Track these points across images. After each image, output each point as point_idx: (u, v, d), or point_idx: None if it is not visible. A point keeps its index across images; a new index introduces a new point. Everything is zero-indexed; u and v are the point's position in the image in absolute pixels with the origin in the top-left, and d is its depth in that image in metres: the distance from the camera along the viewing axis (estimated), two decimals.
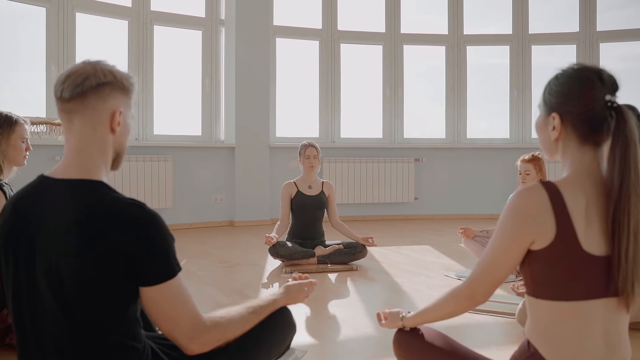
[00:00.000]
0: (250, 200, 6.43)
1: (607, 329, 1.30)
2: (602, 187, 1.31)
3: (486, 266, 1.38)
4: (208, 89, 6.57)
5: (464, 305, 1.46)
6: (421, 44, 7.35)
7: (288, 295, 1.67)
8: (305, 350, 2.30)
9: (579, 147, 1.34)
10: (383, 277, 3.79)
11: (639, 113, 2.59)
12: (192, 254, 4.60)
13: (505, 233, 1.33)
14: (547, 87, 1.40)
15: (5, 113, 2.45)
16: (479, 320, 2.76)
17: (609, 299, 1.29)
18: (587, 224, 1.27)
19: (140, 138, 6.13)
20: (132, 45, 6.09)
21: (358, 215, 6.87)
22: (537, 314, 1.35)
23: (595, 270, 1.28)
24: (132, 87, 1.43)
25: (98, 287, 1.27)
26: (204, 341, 1.38)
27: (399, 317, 1.66)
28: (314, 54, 7.05)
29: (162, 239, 1.31)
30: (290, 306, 1.71)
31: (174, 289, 1.32)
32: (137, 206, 1.31)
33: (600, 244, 1.28)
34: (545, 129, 1.41)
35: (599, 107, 1.30)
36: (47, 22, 5.56)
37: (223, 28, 6.64)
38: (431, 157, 7.12)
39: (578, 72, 1.35)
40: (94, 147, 1.36)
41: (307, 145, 4.29)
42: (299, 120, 7.14)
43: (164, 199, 6.00)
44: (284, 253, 3.99)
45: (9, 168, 2.47)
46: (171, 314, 1.33)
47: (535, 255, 1.30)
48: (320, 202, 4.26)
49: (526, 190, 1.32)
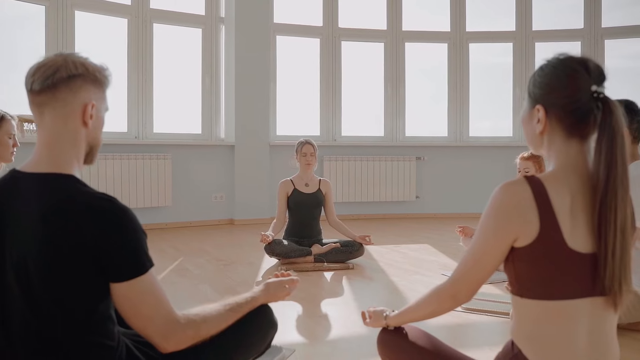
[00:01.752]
0: (250, 199, 6.40)
1: (593, 330, 1.25)
2: (588, 181, 1.26)
3: (469, 264, 1.33)
4: (208, 87, 6.54)
5: (446, 305, 1.41)
6: (423, 42, 7.29)
7: (268, 293, 1.63)
8: (293, 350, 2.27)
9: (564, 141, 1.29)
10: (379, 276, 3.74)
11: (637, 108, 2.55)
12: (189, 252, 4.57)
13: (487, 230, 1.28)
14: (532, 78, 1.35)
15: None
16: (473, 320, 2.72)
17: (595, 298, 1.24)
18: (573, 220, 1.22)
19: (140, 136, 6.10)
20: (131, 43, 6.07)
21: (359, 213, 6.83)
22: (521, 313, 1.30)
23: (581, 268, 1.23)
24: (105, 79, 1.40)
25: (66, 283, 1.24)
26: (178, 339, 1.34)
27: (382, 316, 1.63)
28: (315, 52, 7.01)
29: (132, 234, 1.28)
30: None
31: (145, 286, 1.29)
32: (107, 200, 1.28)
33: (586, 240, 1.23)
34: (530, 122, 1.36)
35: (585, 98, 1.25)
36: (47, 21, 5.54)
37: (223, 26, 6.61)
38: (433, 155, 7.06)
39: (562, 62, 1.30)
40: (65, 141, 1.33)
41: (303, 142, 4.25)
42: (299, 119, 7.10)
43: (164, 197, 5.98)
44: (279, 251, 3.96)
45: None
46: (143, 311, 1.30)
47: (518, 252, 1.25)
48: (317, 200, 4.22)
49: (509, 184, 1.28)
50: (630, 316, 2.46)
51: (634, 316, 2.46)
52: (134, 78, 6.07)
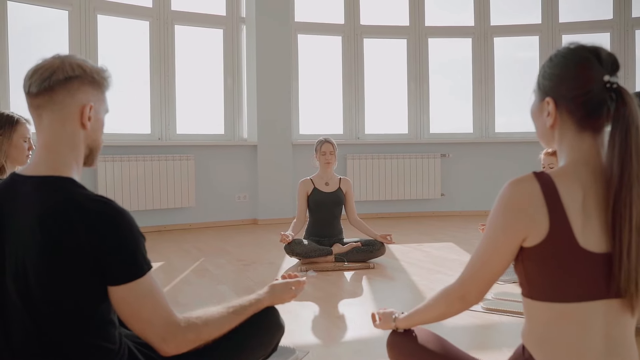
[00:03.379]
0: (274, 199, 6.39)
1: (608, 334, 1.17)
2: (602, 177, 1.18)
3: (477, 265, 1.28)
4: (230, 88, 6.56)
5: (455, 307, 1.36)
6: (447, 37, 7.18)
7: (273, 295, 1.60)
8: (307, 351, 2.24)
9: (576, 134, 1.23)
10: (400, 275, 3.68)
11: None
12: (211, 253, 4.58)
13: (496, 228, 1.23)
14: (542, 69, 1.29)
15: (7, 113, 2.46)
16: (494, 321, 2.64)
17: (610, 301, 1.17)
18: (585, 218, 1.15)
19: (163, 138, 6.15)
20: (153, 45, 6.12)
21: (384, 212, 6.76)
22: (532, 316, 1.24)
23: (594, 268, 1.16)
24: (104, 81, 1.39)
25: (64, 286, 1.23)
26: (178, 342, 1.32)
27: (392, 318, 1.58)
28: (337, 50, 6.96)
29: (129, 236, 1.26)
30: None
31: (144, 289, 1.27)
32: (104, 203, 1.26)
33: (599, 239, 1.15)
34: (540, 116, 1.30)
35: (597, 88, 1.18)
36: (70, 25, 5.63)
37: (244, 26, 6.62)
38: (458, 152, 6.95)
39: (573, 52, 1.23)
40: (63, 143, 1.32)
41: (323, 141, 4.21)
42: (322, 117, 7.06)
43: (187, 198, 6.01)
44: (299, 251, 3.93)
45: (12, 167, 2.48)
46: (141, 315, 1.28)
47: (528, 252, 1.19)
48: (338, 199, 4.18)
49: (517, 181, 1.22)
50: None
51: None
52: (156, 80, 6.12)
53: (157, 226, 5.91)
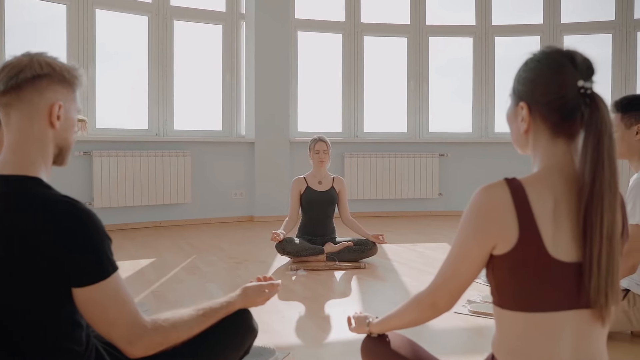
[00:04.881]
0: (271, 196, 6.38)
1: (578, 344, 1.15)
2: (575, 184, 1.16)
3: (448, 272, 1.26)
4: (228, 84, 6.54)
5: (427, 314, 1.34)
6: (447, 36, 7.14)
7: (245, 298, 1.58)
8: (288, 352, 2.22)
9: (550, 140, 1.20)
10: (390, 276, 3.66)
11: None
12: (204, 250, 4.57)
13: (467, 235, 1.20)
14: (517, 74, 1.26)
15: None
16: (479, 324, 2.62)
17: (580, 311, 1.15)
18: (555, 226, 1.13)
19: (161, 133, 6.14)
20: (152, 41, 6.10)
21: (381, 211, 6.74)
22: (502, 325, 1.22)
23: (564, 278, 1.14)
24: (75, 79, 1.37)
25: (26, 288, 1.21)
26: (145, 345, 1.31)
27: (366, 322, 1.57)
28: (337, 48, 6.93)
29: (94, 237, 1.24)
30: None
31: (108, 291, 1.25)
32: (69, 203, 1.24)
33: (570, 248, 1.13)
34: (514, 121, 1.28)
35: (571, 94, 1.15)
36: (68, 20, 5.61)
37: (243, 22, 6.60)
38: (456, 152, 6.92)
39: (547, 56, 1.20)
40: (31, 142, 1.30)
41: (316, 139, 4.19)
42: (321, 115, 7.04)
43: (183, 194, 6.00)
44: (290, 250, 3.91)
45: None
46: (106, 317, 1.26)
47: (497, 260, 1.17)
48: (331, 198, 4.16)
49: (487, 187, 1.20)
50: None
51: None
52: (154, 75, 6.10)
53: (153, 222, 5.90)
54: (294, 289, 3.29)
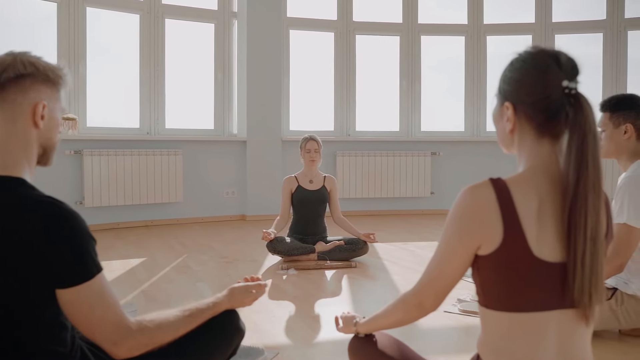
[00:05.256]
0: (263, 195, 6.36)
1: (563, 344, 1.16)
2: (559, 185, 1.17)
3: (434, 272, 1.26)
4: (220, 83, 6.52)
5: (413, 314, 1.34)
6: (439, 35, 7.14)
7: (232, 298, 1.58)
8: (277, 352, 2.22)
9: (535, 140, 1.21)
10: (381, 275, 3.66)
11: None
12: (195, 249, 4.56)
13: (452, 235, 1.20)
14: (502, 74, 1.27)
15: None
16: (468, 323, 2.63)
17: (565, 311, 1.15)
18: (540, 226, 1.13)
19: (152, 132, 6.12)
20: (143, 39, 6.07)
21: (373, 210, 6.75)
22: (487, 325, 1.22)
23: (548, 278, 1.14)
24: (59, 79, 1.36)
25: (10, 289, 1.21)
26: (130, 346, 1.30)
27: (353, 322, 1.57)
28: (329, 46, 6.92)
29: (78, 238, 1.23)
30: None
31: (92, 292, 1.25)
32: (53, 204, 1.23)
33: (554, 249, 1.14)
34: (500, 120, 1.28)
35: (555, 94, 1.16)
36: (58, 18, 5.58)
37: (235, 21, 6.58)
38: (448, 150, 6.93)
39: (532, 57, 1.21)
40: (14, 142, 1.30)
41: (307, 138, 4.19)
42: (313, 114, 7.03)
43: (175, 193, 5.98)
44: (281, 249, 3.91)
45: None
46: (90, 318, 1.26)
47: (482, 261, 1.17)
48: (322, 197, 4.16)
49: (472, 188, 1.20)
50: (632, 322, 2.34)
51: (635, 322, 2.34)
52: (146, 74, 6.08)
53: (145, 221, 5.88)
54: (285, 288, 3.29)
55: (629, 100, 2.41)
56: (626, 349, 2.29)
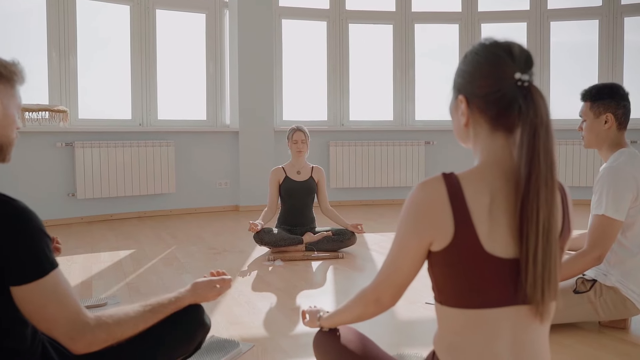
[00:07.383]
0: (255, 185, 6.35)
1: (517, 341, 1.14)
2: (512, 179, 1.15)
3: (390, 268, 1.25)
4: (212, 73, 6.49)
5: (371, 310, 1.33)
6: (433, 23, 7.09)
7: (195, 293, 1.57)
8: (252, 345, 2.22)
9: (489, 134, 1.19)
10: (368, 265, 3.66)
11: (623, 92, 2.39)
12: (184, 240, 4.56)
13: (405, 231, 1.19)
14: (457, 67, 1.25)
15: None
16: None
17: (518, 307, 1.13)
18: (492, 222, 1.12)
19: (144, 123, 6.10)
20: (134, 30, 6.04)
21: (366, 199, 6.74)
22: (442, 322, 1.21)
23: (501, 274, 1.13)
24: (13, 75, 1.35)
25: None
26: (88, 341, 1.30)
27: (317, 317, 1.56)
28: (322, 35, 6.88)
29: (31, 235, 1.23)
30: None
31: (47, 288, 1.25)
32: (4, 202, 1.23)
33: (507, 244, 1.12)
34: (455, 114, 1.26)
35: (508, 86, 1.13)
36: (48, 10, 5.54)
37: (227, 10, 6.53)
38: (442, 140, 6.90)
39: (485, 49, 1.18)
40: None
41: (294, 129, 4.16)
42: (306, 104, 7.00)
43: (167, 184, 5.98)
44: (268, 240, 3.91)
45: None
46: (46, 314, 1.26)
47: (435, 257, 1.16)
48: (310, 187, 4.15)
49: (424, 183, 1.19)
50: (610, 314, 2.34)
51: (614, 314, 2.34)
52: (137, 65, 6.05)
53: (137, 212, 5.88)
54: (269, 280, 3.29)
55: (609, 89, 2.38)
56: (605, 341, 2.28)
